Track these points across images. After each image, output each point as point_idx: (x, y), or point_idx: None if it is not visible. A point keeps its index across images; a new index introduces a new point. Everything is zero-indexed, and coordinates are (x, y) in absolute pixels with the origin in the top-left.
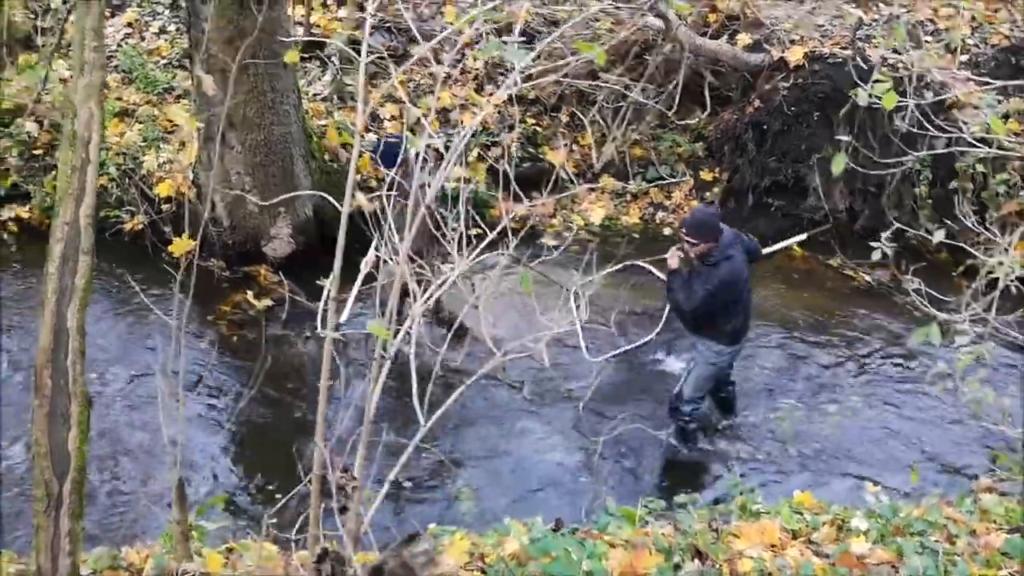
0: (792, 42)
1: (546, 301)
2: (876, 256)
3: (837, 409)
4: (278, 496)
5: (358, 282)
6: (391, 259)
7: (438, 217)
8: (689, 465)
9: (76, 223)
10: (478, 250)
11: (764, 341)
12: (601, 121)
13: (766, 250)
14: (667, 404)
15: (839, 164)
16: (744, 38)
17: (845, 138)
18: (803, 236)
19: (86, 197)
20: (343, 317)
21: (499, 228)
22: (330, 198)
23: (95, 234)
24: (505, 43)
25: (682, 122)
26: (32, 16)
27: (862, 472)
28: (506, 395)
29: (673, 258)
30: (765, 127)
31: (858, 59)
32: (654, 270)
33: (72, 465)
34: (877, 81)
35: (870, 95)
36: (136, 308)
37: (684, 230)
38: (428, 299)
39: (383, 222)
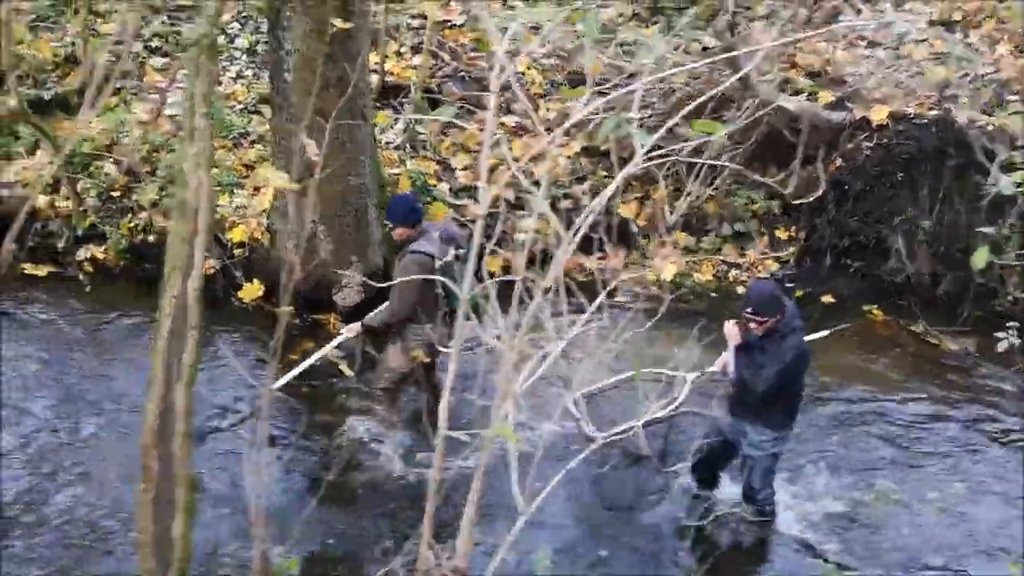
0: (875, 100)
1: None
2: (1002, 347)
3: (907, 492)
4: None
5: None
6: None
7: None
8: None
9: (184, 297)
10: (582, 321)
11: (841, 412)
12: (675, 175)
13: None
14: (741, 493)
15: (981, 258)
16: (825, 95)
17: (988, 229)
18: (826, 332)
19: (194, 270)
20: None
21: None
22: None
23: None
24: (628, 120)
25: (761, 179)
26: (113, 60)
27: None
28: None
29: (734, 333)
30: (846, 186)
31: (945, 120)
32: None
33: (176, 555)
34: (1012, 165)
35: (1018, 184)
36: (210, 353)
37: (749, 308)
38: (531, 377)
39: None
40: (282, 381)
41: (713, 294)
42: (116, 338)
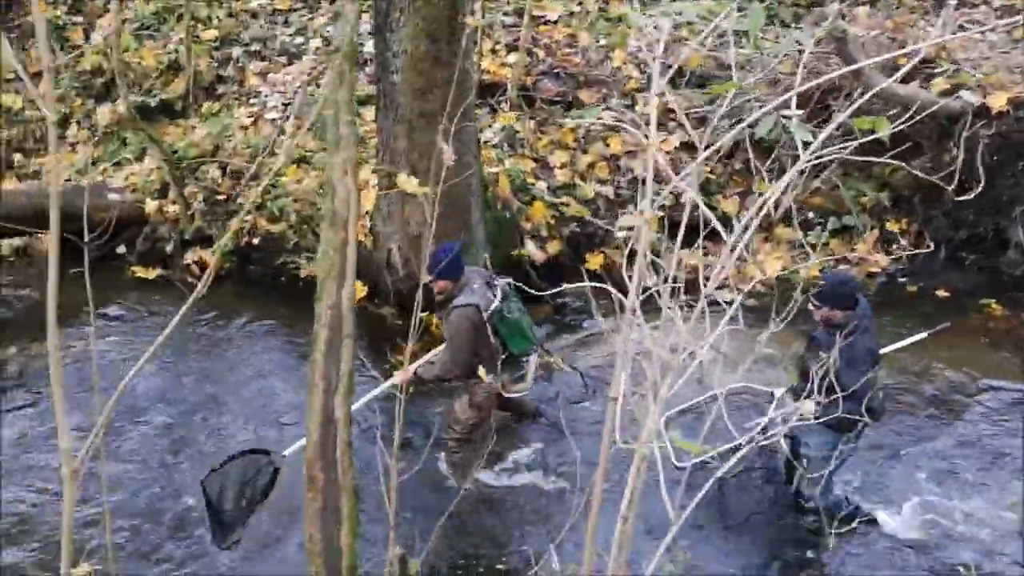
0: (992, 87)
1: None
2: None
3: None
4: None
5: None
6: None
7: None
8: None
9: (338, 306)
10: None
11: (966, 412)
12: (780, 168)
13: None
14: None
15: None
16: (940, 82)
17: None
18: (924, 335)
19: (347, 279)
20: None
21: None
22: None
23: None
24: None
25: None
26: (215, 65)
27: None
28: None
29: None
30: (963, 176)
31: None
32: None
33: (344, 563)
34: None
35: None
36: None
37: (815, 293)
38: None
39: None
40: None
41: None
42: (221, 338)
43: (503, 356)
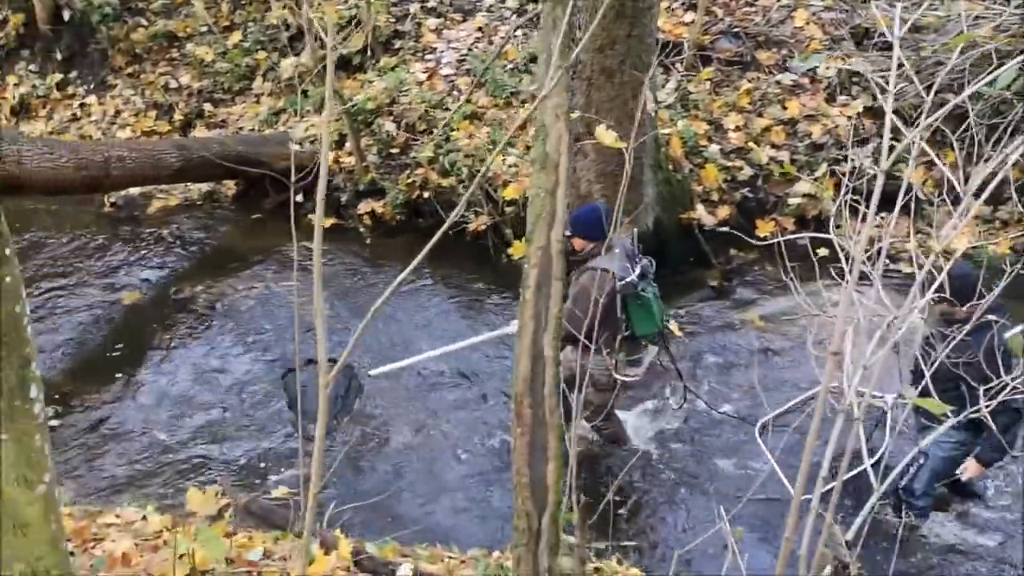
0: None
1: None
2: None
3: None
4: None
5: None
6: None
7: None
8: None
9: (548, 248)
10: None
11: None
12: (972, 138)
13: None
14: (896, 490)
15: None
16: None
17: None
18: None
19: (556, 221)
20: None
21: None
22: None
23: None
24: None
25: None
26: (393, 20)
27: None
28: None
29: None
30: None
31: None
32: None
33: (550, 499)
34: None
35: None
36: (476, 308)
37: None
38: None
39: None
40: (409, 362)
41: (1007, 268)
42: (383, 289)
43: (625, 334)
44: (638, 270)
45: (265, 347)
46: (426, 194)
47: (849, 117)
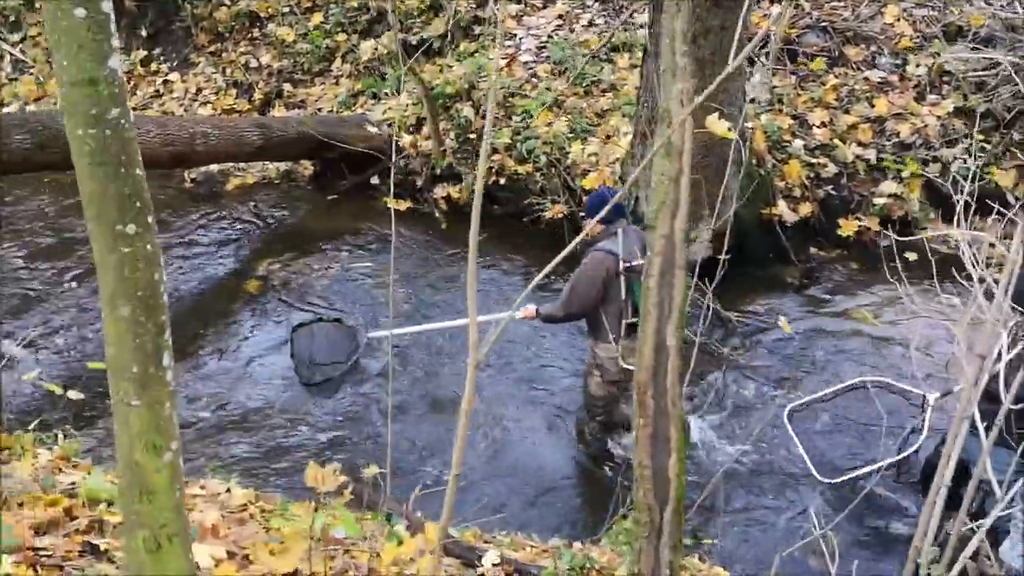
0: None
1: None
2: None
3: None
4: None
5: None
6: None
7: None
8: None
9: (672, 236)
10: None
11: None
12: None
13: None
14: None
15: None
16: None
17: None
18: None
19: (680, 209)
20: None
21: None
22: None
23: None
24: None
25: None
26: (473, 6)
27: None
28: None
29: None
30: None
31: None
32: None
33: (672, 494)
34: None
35: None
36: (547, 299)
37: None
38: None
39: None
40: (407, 330)
41: None
42: (457, 273)
43: (633, 320)
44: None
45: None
46: (502, 180)
47: (939, 117)
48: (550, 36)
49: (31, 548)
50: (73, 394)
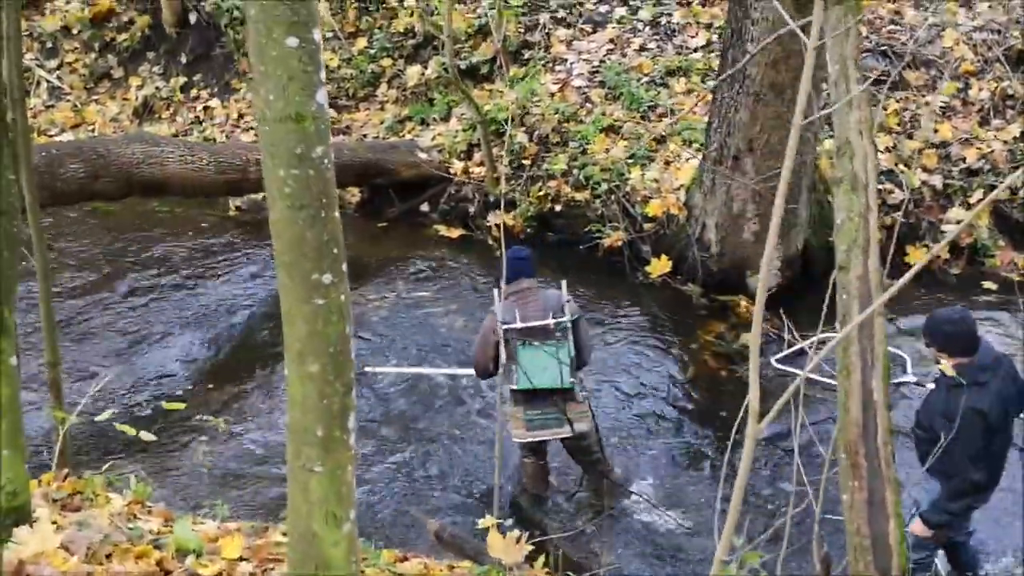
0: None
1: None
2: None
3: None
4: None
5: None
6: None
7: None
8: None
9: (866, 276)
10: None
11: None
12: None
13: None
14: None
15: None
16: None
17: None
18: None
19: (872, 247)
20: None
21: None
22: None
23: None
24: None
25: None
26: (522, 30)
27: None
28: None
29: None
30: None
31: None
32: None
33: (894, 563)
34: None
35: None
36: (605, 327)
37: (925, 338)
38: None
39: None
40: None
41: None
42: None
43: (517, 387)
44: (548, 321)
45: (406, 359)
46: (558, 207)
47: (1005, 141)
48: (602, 61)
49: None
50: (145, 435)
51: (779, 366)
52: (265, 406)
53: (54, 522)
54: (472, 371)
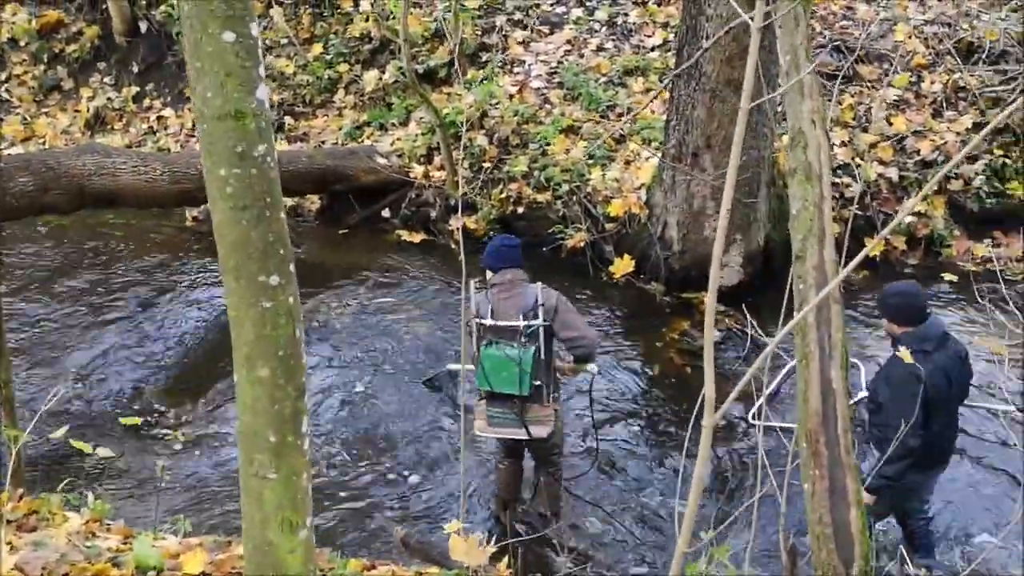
0: None
1: None
2: None
3: None
4: None
5: None
6: None
7: None
8: None
9: (823, 265)
10: None
11: None
12: None
13: None
14: None
15: None
16: None
17: None
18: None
19: (827, 236)
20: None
21: None
22: None
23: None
24: None
25: None
26: (479, 33)
27: None
28: None
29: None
30: None
31: None
32: None
33: (857, 551)
34: None
35: None
36: None
37: (879, 310)
38: None
39: None
40: None
41: None
42: None
43: (479, 386)
44: (518, 323)
45: (371, 366)
46: (520, 209)
47: (958, 133)
48: (560, 62)
49: None
50: (102, 451)
51: (755, 422)
52: (224, 417)
53: (9, 543)
54: None
